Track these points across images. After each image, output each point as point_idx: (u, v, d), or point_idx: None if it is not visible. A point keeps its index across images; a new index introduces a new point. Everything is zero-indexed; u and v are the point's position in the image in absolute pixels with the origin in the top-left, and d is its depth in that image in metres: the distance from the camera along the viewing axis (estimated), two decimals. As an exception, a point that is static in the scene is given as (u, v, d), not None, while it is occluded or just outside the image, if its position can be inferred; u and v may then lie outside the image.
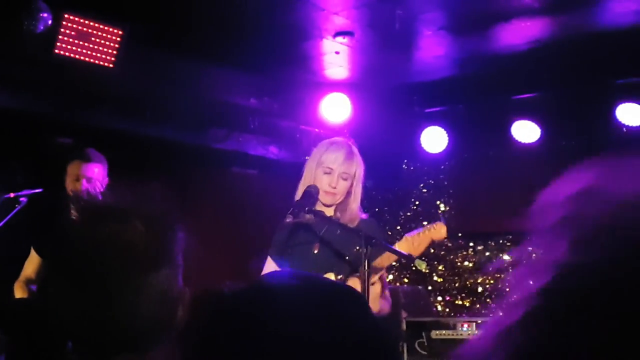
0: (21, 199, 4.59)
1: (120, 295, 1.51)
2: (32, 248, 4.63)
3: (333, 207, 3.79)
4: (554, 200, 0.90)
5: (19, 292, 4.50)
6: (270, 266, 3.89)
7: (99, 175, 4.57)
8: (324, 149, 3.81)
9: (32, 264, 4.61)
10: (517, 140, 7.04)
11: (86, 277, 1.52)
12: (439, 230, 3.44)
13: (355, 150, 3.84)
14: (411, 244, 3.42)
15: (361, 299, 1.10)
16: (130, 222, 1.56)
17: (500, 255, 7.78)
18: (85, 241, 1.55)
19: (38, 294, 4.40)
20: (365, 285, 3.20)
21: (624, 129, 6.51)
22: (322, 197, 3.72)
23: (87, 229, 1.57)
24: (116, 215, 1.57)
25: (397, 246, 3.42)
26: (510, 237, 7.72)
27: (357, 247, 3.40)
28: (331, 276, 3.58)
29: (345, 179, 3.74)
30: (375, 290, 3.31)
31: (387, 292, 3.69)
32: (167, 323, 1.56)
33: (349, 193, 3.78)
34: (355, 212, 3.79)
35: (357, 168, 3.79)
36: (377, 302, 3.40)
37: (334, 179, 3.73)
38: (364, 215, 3.85)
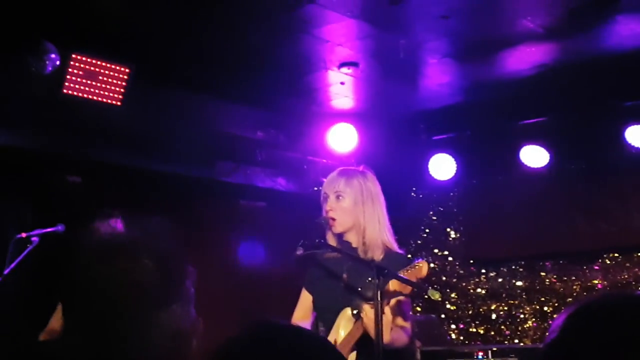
0: (33, 238, 4.58)
1: (132, 332, 1.51)
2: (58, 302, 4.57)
3: (355, 236, 3.69)
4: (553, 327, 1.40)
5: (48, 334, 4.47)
6: (303, 298, 3.84)
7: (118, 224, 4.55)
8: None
9: (58, 316, 4.56)
10: (525, 165, 7.02)
11: (98, 316, 1.52)
12: (421, 269, 3.38)
13: (361, 174, 3.74)
14: (397, 285, 3.35)
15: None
16: (139, 260, 1.56)
17: (513, 281, 7.73)
18: (95, 280, 1.55)
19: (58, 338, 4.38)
20: (378, 316, 3.16)
21: (633, 150, 6.49)
22: (330, 226, 3.68)
23: (97, 268, 1.57)
24: (125, 253, 1.57)
25: (391, 283, 3.30)
26: (523, 262, 7.68)
27: (370, 278, 3.35)
28: (347, 311, 3.54)
29: (340, 198, 3.65)
30: (385, 319, 3.24)
31: (406, 323, 3.54)
32: (182, 356, 1.56)
33: (356, 216, 3.67)
34: (376, 240, 3.64)
35: (357, 187, 3.66)
36: (388, 329, 3.29)
37: (329, 202, 3.67)
38: (399, 250, 3.71)
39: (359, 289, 3.54)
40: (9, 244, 4.54)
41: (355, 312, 3.51)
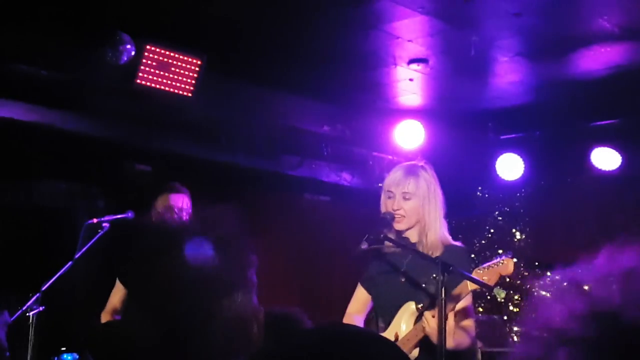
0: (104, 224, 4.68)
1: (195, 320, 1.53)
2: (117, 278, 4.69)
3: (416, 233, 3.68)
4: None
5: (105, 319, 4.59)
6: (358, 293, 3.84)
7: (186, 205, 4.64)
8: (388, 175, 3.79)
9: (117, 294, 4.66)
10: (596, 168, 6.89)
11: (162, 305, 1.55)
12: (506, 266, 3.35)
13: (424, 170, 3.71)
14: (480, 277, 3.34)
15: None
16: (201, 248, 1.58)
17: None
18: (157, 270, 1.58)
19: (122, 320, 4.49)
20: (442, 313, 3.14)
21: None
22: (394, 223, 3.67)
23: (159, 257, 1.59)
24: (188, 241, 1.59)
25: (467, 283, 3.32)
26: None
27: (434, 275, 3.33)
28: (411, 305, 3.53)
29: (408, 199, 3.62)
30: (448, 324, 3.23)
31: (471, 324, 3.54)
32: (244, 343, 1.58)
33: (422, 214, 3.66)
34: (436, 237, 3.63)
35: (424, 186, 3.64)
36: (451, 335, 3.28)
37: (395, 201, 3.65)
38: (455, 242, 3.70)
39: (423, 285, 3.53)
40: (80, 230, 4.66)
41: (420, 305, 3.50)
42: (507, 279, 7.88)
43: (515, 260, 3.47)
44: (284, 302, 6.00)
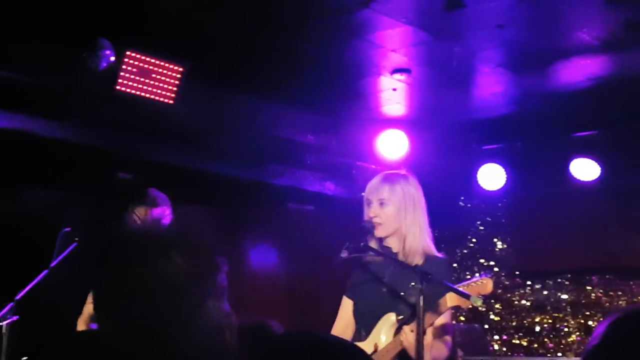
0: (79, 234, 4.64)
1: (168, 329, 1.53)
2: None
3: (397, 240, 3.67)
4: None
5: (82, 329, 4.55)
6: (344, 307, 3.82)
7: (167, 217, 4.62)
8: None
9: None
10: (576, 178, 6.94)
11: (132, 315, 1.54)
12: (486, 285, 3.35)
13: (403, 178, 3.72)
14: (455, 299, 3.33)
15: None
16: (172, 258, 1.57)
17: (558, 294, 7.65)
18: (129, 278, 1.57)
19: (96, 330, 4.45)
20: (420, 322, 3.15)
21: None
22: (374, 230, 3.68)
23: (126, 266, 1.58)
24: (160, 251, 1.58)
25: (448, 297, 3.31)
26: (569, 275, 7.59)
27: (413, 283, 3.34)
28: (391, 317, 3.53)
29: (384, 206, 3.64)
30: (426, 339, 3.24)
31: (448, 337, 3.55)
32: (217, 350, 1.58)
33: (400, 221, 3.64)
34: (416, 244, 3.62)
35: (399, 193, 3.64)
36: (428, 350, 3.30)
37: (372, 208, 3.66)
38: (438, 254, 3.69)
39: (402, 294, 3.54)
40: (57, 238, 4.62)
41: (400, 317, 3.51)
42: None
43: (494, 278, 3.46)
44: (269, 311, 6.00)
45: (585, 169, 6.90)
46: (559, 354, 7.47)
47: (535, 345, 7.69)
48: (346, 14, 4.95)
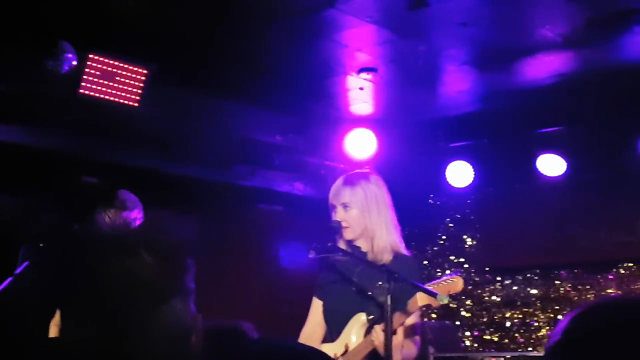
0: (41, 244, 4.60)
1: (132, 327, 1.53)
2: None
3: (365, 241, 3.67)
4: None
5: (53, 333, 4.51)
6: (313, 309, 3.82)
7: (139, 218, 4.59)
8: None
9: None
10: (542, 174, 7.00)
11: (97, 312, 1.54)
12: (456, 283, 3.36)
13: (364, 178, 3.71)
14: (425, 298, 3.33)
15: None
16: (140, 256, 1.57)
17: (528, 289, 7.71)
18: (93, 277, 1.57)
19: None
20: (389, 321, 3.16)
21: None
22: (343, 233, 3.68)
23: (95, 264, 1.58)
24: (127, 249, 1.58)
25: (418, 297, 3.32)
26: (538, 271, 7.66)
27: (380, 283, 3.34)
28: (362, 317, 3.53)
29: (348, 207, 3.64)
30: (396, 339, 3.25)
31: (417, 337, 3.56)
32: (181, 350, 1.57)
33: (365, 222, 3.65)
34: (384, 243, 3.62)
35: (361, 194, 3.64)
36: (399, 350, 3.31)
37: (337, 212, 3.67)
38: (405, 252, 3.69)
39: (370, 294, 3.54)
40: (21, 245, 4.56)
41: (370, 317, 3.51)
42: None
43: (464, 276, 3.49)
44: (240, 313, 5.98)
45: (551, 165, 6.96)
46: (530, 349, 7.54)
47: (506, 341, 7.75)
48: (311, 13, 4.95)
